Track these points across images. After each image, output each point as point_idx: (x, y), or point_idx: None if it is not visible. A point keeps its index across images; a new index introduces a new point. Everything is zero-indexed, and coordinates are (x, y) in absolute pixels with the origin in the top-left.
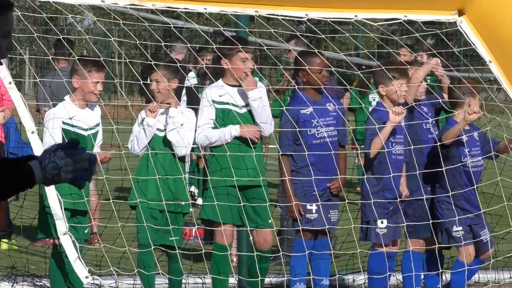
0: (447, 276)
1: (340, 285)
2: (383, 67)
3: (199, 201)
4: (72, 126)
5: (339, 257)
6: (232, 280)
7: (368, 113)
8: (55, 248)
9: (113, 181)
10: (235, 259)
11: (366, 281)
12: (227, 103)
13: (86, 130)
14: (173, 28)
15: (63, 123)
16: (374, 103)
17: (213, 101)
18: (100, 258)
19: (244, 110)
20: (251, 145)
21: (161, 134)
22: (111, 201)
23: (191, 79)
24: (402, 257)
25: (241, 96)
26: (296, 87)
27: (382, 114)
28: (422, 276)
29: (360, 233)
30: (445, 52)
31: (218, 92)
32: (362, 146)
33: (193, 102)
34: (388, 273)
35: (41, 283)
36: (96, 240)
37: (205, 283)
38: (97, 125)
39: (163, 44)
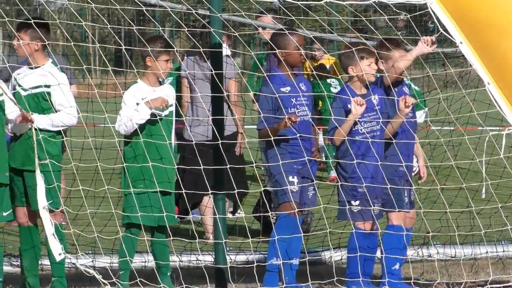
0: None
1: (316, 262)
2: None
3: None
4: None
5: (314, 234)
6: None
7: (333, 99)
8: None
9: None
10: (211, 237)
11: (343, 257)
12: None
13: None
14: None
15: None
16: (334, 85)
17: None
18: (76, 237)
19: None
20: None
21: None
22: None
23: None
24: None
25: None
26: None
27: (347, 100)
28: None
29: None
30: (419, 27)
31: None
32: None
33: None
34: (369, 250)
35: (18, 263)
36: (61, 218)
37: (199, 260)
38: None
39: (134, 28)
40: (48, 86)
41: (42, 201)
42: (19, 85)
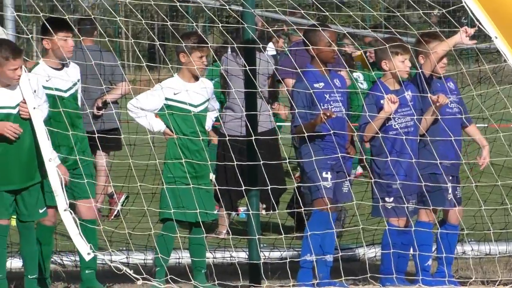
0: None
1: (350, 258)
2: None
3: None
4: (50, 88)
5: (348, 230)
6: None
7: (366, 95)
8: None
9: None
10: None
11: (377, 254)
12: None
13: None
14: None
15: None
16: (360, 81)
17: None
18: (110, 234)
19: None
20: None
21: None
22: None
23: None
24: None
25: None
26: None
27: (380, 97)
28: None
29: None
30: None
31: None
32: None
33: None
34: (403, 247)
35: (52, 259)
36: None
37: (233, 257)
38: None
39: (168, 23)
40: (79, 80)
41: (62, 203)
42: (56, 89)
